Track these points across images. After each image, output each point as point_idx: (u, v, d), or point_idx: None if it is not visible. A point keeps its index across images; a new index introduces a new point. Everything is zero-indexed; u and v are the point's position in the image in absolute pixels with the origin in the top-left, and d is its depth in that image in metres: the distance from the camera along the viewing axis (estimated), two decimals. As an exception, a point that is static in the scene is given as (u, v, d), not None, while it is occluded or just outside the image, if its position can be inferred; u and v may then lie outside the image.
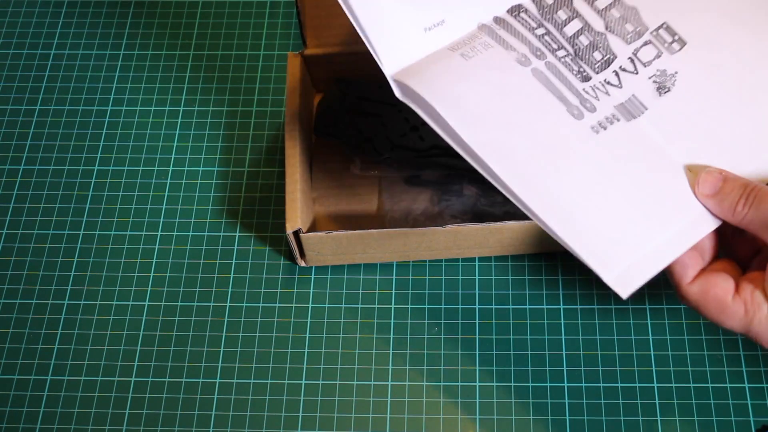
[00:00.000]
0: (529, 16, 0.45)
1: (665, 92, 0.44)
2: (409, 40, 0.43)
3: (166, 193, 0.61)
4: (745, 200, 0.40)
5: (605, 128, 0.42)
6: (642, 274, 0.38)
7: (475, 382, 0.53)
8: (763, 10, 0.45)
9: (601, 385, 0.53)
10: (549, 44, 0.44)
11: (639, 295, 0.56)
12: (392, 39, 0.42)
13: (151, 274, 0.58)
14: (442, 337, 0.55)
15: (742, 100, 0.44)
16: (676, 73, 0.44)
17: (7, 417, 0.53)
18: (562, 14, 0.45)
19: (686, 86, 0.44)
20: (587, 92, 0.43)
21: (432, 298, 0.56)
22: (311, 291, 0.57)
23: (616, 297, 0.56)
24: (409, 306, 0.56)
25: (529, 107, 0.41)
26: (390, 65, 0.42)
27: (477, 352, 0.54)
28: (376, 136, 0.58)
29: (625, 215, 0.40)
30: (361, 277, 0.57)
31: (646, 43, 0.45)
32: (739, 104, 0.43)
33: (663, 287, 0.56)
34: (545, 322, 0.55)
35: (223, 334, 0.56)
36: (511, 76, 0.42)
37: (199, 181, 0.61)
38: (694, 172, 0.42)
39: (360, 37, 0.41)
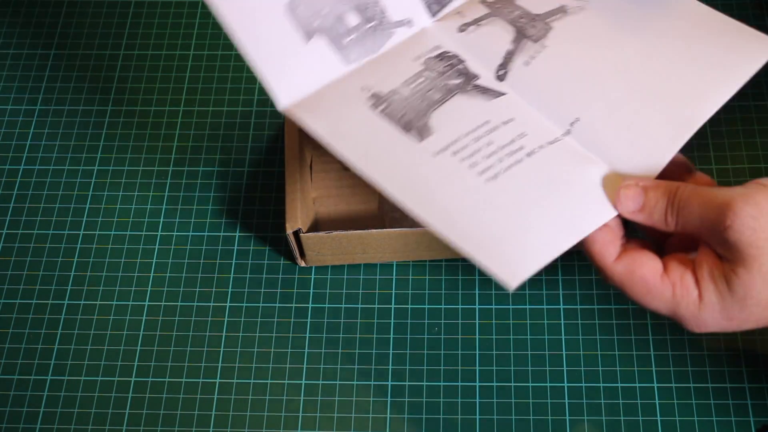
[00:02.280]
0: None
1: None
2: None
3: (166, 193, 0.61)
4: (671, 209, 0.39)
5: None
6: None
7: (475, 382, 0.53)
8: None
9: (601, 385, 0.53)
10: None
11: (639, 295, 0.56)
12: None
13: (151, 274, 0.58)
14: (442, 337, 0.55)
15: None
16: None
17: (7, 417, 0.53)
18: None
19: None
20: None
21: (432, 298, 0.56)
22: (311, 291, 0.57)
23: (616, 297, 0.56)
24: (409, 306, 0.56)
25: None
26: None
27: (477, 352, 0.54)
28: (376, 136, 0.58)
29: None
30: (361, 277, 0.57)
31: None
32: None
33: (663, 287, 0.56)
34: (545, 322, 0.55)
35: (223, 334, 0.56)
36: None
37: (199, 181, 0.61)
38: (610, 183, 0.42)
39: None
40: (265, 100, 0.65)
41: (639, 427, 0.52)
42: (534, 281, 0.56)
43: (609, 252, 0.40)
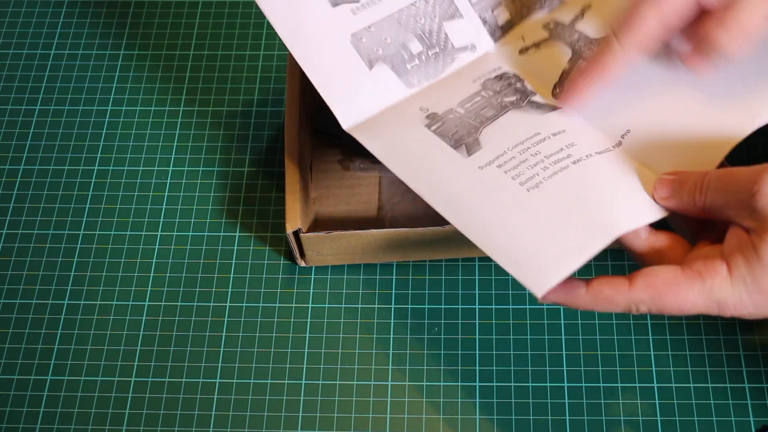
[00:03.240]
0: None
1: None
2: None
3: (166, 193, 0.61)
4: (699, 189, 0.40)
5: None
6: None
7: (475, 382, 0.53)
8: None
9: (601, 385, 0.53)
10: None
11: (639, 295, 0.56)
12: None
13: (151, 274, 0.58)
14: (442, 337, 0.55)
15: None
16: None
17: (7, 417, 0.53)
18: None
19: None
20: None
21: (432, 298, 0.56)
22: (311, 291, 0.57)
23: (616, 297, 0.56)
24: (409, 306, 0.56)
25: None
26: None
27: (477, 352, 0.54)
28: (376, 136, 0.58)
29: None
30: (361, 277, 0.57)
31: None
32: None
33: (663, 287, 0.56)
34: (545, 322, 0.55)
35: (223, 334, 0.56)
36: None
37: (199, 181, 0.61)
38: (646, 178, 0.42)
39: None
40: (265, 100, 0.65)
41: (639, 427, 0.52)
42: (534, 281, 0.56)
43: (619, 284, 0.39)
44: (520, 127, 0.45)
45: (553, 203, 0.41)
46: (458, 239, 0.54)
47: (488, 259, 0.57)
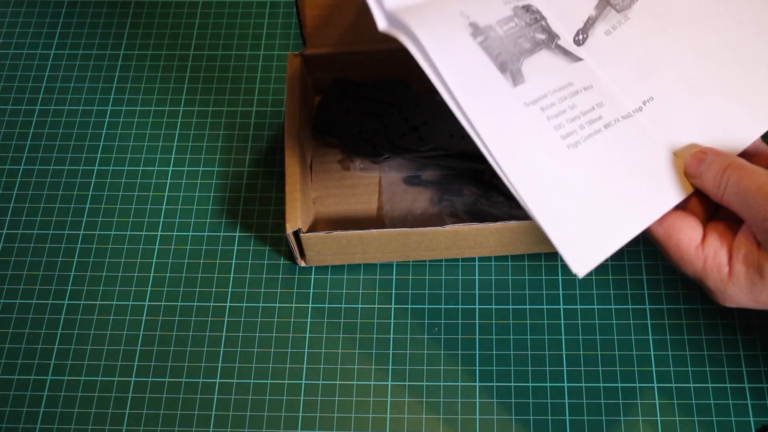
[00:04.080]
0: None
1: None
2: None
3: (166, 193, 0.61)
4: (721, 180, 0.40)
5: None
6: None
7: (475, 382, 0.53)
8: None
9: (601, 385, 0.53)
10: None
11: (639, 296, 0.56)
12: None
13: (151, 274, 0.58)
14: (442, 337, 0.55)
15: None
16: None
17: (7, 417, 0.53)
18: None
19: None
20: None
21: (432, 298, 0.56)
22: (311, 291, 0.57)
23: (616, 297, 0.56)
24: (409, 306, 0.56)
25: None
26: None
27: (477, 352, 0.54)
28: (376, 136, 0.58)
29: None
30: (361, 277, 0.57)
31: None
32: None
33: (663, 287, 0.56)
34: (545, 322, 0.55)
35: (223, 334, 0.56)
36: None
37: (199, 181, 0.61)
38: (680, 156, 0.42)
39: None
40: (265, 100, 0.65)
41: (639, 427, 0.52)
42: (533, 281, 0.56)
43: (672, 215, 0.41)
44: (555, 70, 0.44)
45: (591, 170, 0.41)
46: (458, 240, 0.54)
47: (488, 259, 0.57)
